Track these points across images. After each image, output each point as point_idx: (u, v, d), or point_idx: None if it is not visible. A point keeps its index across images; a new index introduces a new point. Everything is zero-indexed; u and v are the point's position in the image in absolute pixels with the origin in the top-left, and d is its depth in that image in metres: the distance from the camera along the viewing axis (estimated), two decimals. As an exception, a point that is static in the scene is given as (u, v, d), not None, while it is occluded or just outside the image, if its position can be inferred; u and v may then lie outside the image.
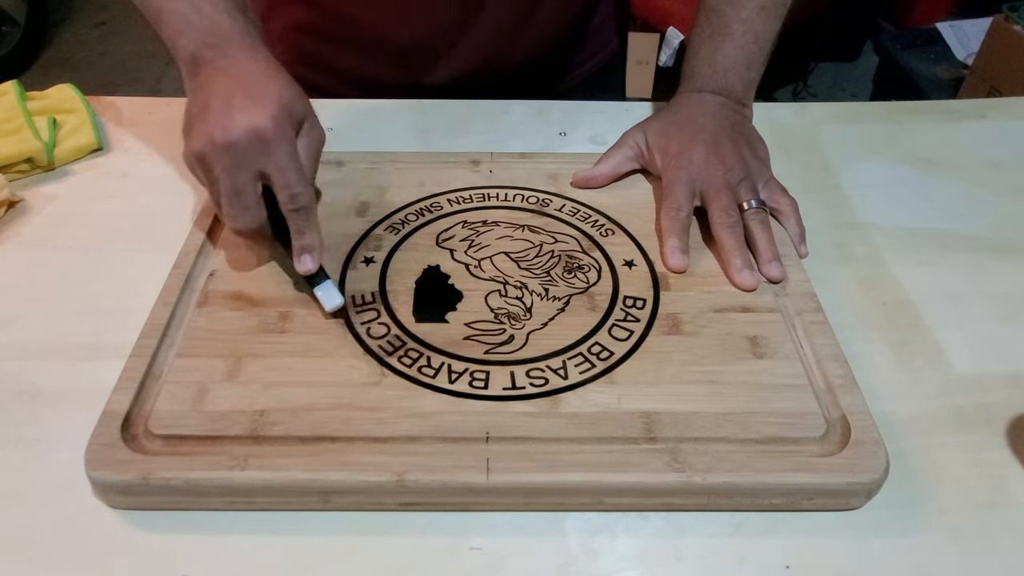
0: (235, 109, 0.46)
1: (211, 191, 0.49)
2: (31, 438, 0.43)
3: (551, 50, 0.76)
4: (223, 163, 0.46)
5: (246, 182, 0.47)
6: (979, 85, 1.73)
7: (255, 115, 0.46)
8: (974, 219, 0.60)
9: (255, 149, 0.46)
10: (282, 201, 0.48)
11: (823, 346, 0.46)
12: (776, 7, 0.62)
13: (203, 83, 0.49)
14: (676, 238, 0.52)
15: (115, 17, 2.74)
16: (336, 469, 0.39)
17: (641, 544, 0.39)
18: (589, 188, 0.60)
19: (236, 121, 0.46)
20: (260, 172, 0.47)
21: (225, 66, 0.49)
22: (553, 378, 0.44)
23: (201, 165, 0.47)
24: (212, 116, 0.46)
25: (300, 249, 0.48)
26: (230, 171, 0.46)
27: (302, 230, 0.48)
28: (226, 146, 0.46)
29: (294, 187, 0.47)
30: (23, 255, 0.56)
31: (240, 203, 0.47)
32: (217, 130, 0.46)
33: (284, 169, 0.47)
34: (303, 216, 0.48)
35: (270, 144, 0.46)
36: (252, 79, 0.48)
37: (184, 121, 0.49)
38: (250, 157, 0.46)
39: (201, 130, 0.46)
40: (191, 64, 0.50)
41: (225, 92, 0.47)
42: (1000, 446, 0.44)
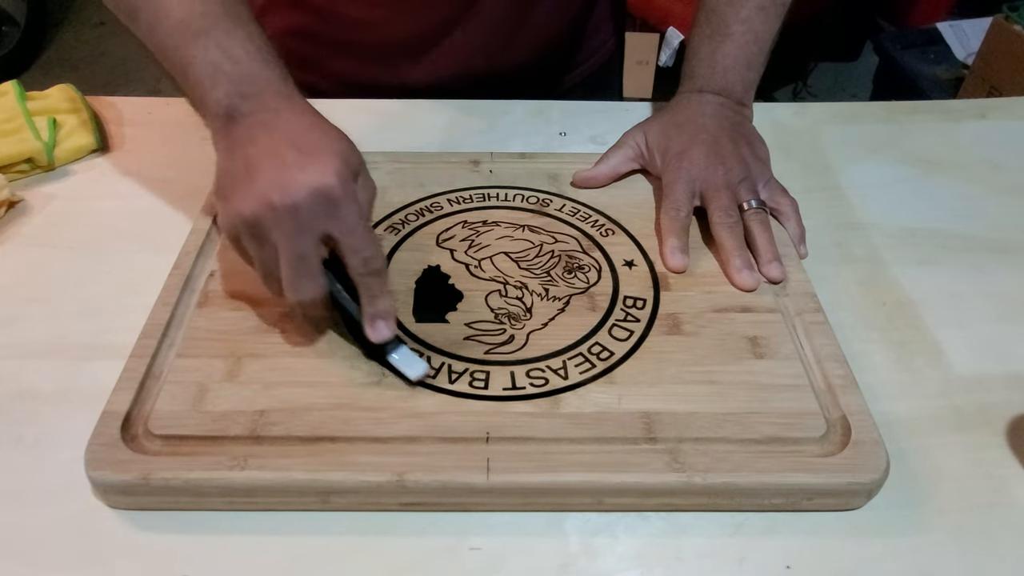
0: (292, 167, 0.41)
1: (261, 262, 0.43)
2: (31, 438, 0.43)
3: (547, 51, 0.76)
4: (285, 228, 0.41)
5: (311, 248, 0.42)
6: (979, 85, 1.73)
7: (318, 173, 0.40)
8: (974, 219, 0.60)
9: (321, 211, 0.41)
10: (354, 266, 0.43)
11: (823, 346, 0.46)
12: (776, 7, 0.62)
13: (242, 139, 0.43)
14: (676, 238, 0.52)
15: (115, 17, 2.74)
16: (336, 469, 0.39)
17: (641, 544, 0.39)
18: (589, 188, 0.60)
19: (297, 180, 0.40)
20: (325, 235, 0.42)
21: (267, 120, 0.44)
22: (553, 378, 0.44)
23: (252, 232, 0.42)
24: (264, 176, 0.41)
25: (374, 316, 0.44)
26: (293, 237, 0.41)
27: (375, 295, 0.43)
28: (289, 209, 0.40)
29: (366, 250, 0.42)
30: (23, 255, 0.56)
31: (305, 271, 0.42)
32: (275, 191, 0.40)
33: (354, 231, 0.42)
34: (376, 281, 0.43)
35: (337, 205, 0.41)
36: (303, 133, 0.43)
37: (219, 183, 0.44)
38: (315, 220, 0.41)
39: (252, 192, 0.41)
40: (225, 119, 0.44)
41: (274, 148, 0.42)
42: (1000, 446, 0.44)
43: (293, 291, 0.43)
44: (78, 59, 2.55)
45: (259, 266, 0.44)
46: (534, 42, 0.74)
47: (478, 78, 0.73)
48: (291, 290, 0.43)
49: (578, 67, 0.81)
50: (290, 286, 0.42)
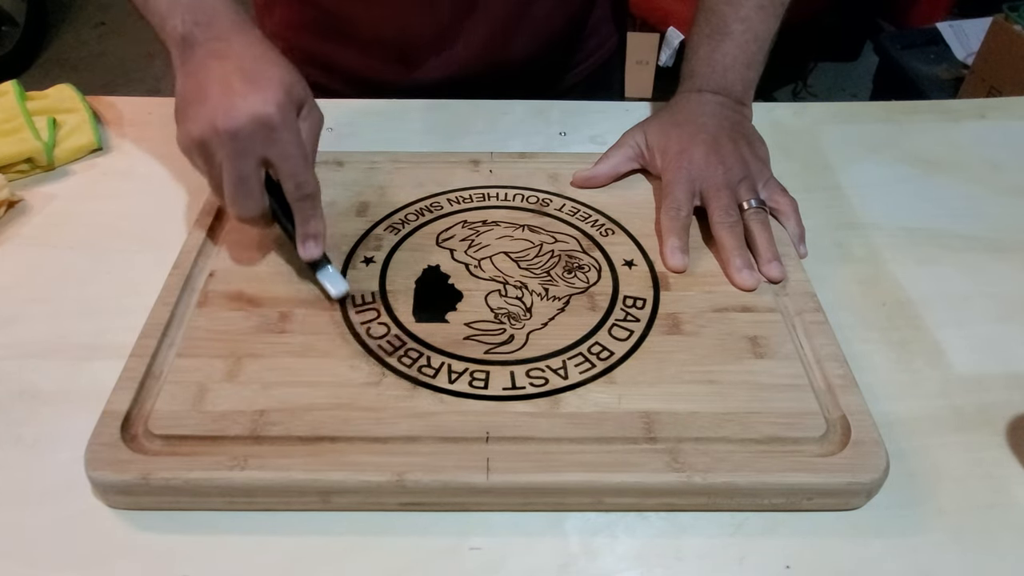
0: (236, 94, 0.45)
1: (210, 177, 0.48)
2: (31, 438, 0.43)
3: (548, 48, 0.76)
4: (226, 150, 0.45)
5: (250, 170, 0.46)
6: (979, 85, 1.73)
7: (258, 101, 0.44)
8: (974, 219, 0.60)
9: (259, 137, 0.45)
10: (288, 190, 0.47)
11: (823, 346, 0.46)
12: (774, 6, 0.62)
13: (197, 65, 0.48)
14: (676, 238, 0.52)
15: (115, 17, 2.74)
16: (336, 469, 0.39)
17: (641, 544, 0.39)
18: (589, 188, 0.60)
19: (239, 107, 0.44)
20: (264, 159, 0.46)
21: (219, 48, 0.48)
22: (553, 378, 0.44)
23: (200, 151, 0.46)
24: (212, 101, 0.45)
25: (305, 236, 0.48)
26: (233, 159, 0.45)
27: (307, 218, 0.48)
28: (230, 133, 0.44)
29: (300, 175, 0.47)
30: (23, 255, 0.56)
31: (244, 191, 0.46)
32: (219, 116, 0.44)
33: (289, 157, 0.46)
34: (309, 203, 0.48)
35: (275, 131, 0.45)
36: (250, 62, 0.47)
37: (177, 105, 0.48)
38: (254, 145, 0.45)
39: (200, 114, 0.45)
40: (182, 46, 0.49)
41: (223, 75, 0.46)
42: (1000, 446, 0.44)
43: (234, 208, 0.47)
44: (78, 59, 2.55)
45: (209, 181, 0.48)
46: (534, 39, 0.74)
47: (479, 75, 0.73)
48: (233, 207, 0.47)
49: (579, 65, 0.81)
50: (232, 203, 0.47)
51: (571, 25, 0.77)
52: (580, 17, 0.77)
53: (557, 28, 0.75)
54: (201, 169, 0.48)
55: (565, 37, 0.77)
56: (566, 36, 0.77)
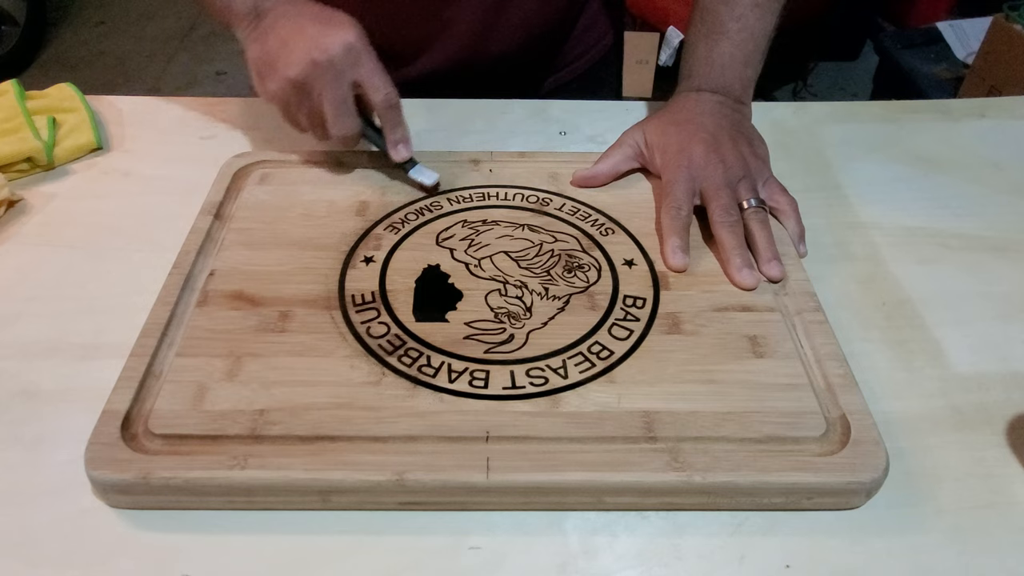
0: (321, 34, 0.52)
1: (306, 115, 0.55)
2: (31, 437, 0.43)
3: (536, 42, 0.76)
4: (326, 78, 0.53)
5: (347, 91, 0.54)
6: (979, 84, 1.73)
7: (342, 34, 0.53)
8: (974, 218, 0.60)
9: (350, 61, 0.53)
10: (377, 102, 0.55)
11: (823, 345, 0.46)
12: (771, 3, 0.62)
13: (269, 27, 0.55)
14: (677, 237, 0.52)
15: (114, 17, 2.74)
16: (336, 468, 0.39)
17: (641, 543, 0.39)
18: (589, 187, 0.60)
19: (329, 40, 0.52)
20: (354, 81, 0.54)
21: (287, 10, 0.55)
22: (553, 377, 0.44)
23: (298, 89, 0.53)
24: (300, 45, 0.52)
25: (395, 141, 0.57)
26: (333, 84, 0.53)
27: (396, 124, 0.57)
28: (328, 62, 0.52)
29: (387, 87, 0.55)
30: (23, 254, 0.56)
31: (345, 110, 0.54)
32: (314, 51, 0.52)
33: (376, 73, 0.55)
34: (396, 112, 0.57)
35: (361, 55, 0.53)
36: (318, 13, 0.55)
37: (256, 65, 0.55)
38: (347, 69, 0.53)
39: (293, 58, 0.52)
40: (252, 15, 0.56)
41: (299, 26, 0.54)
42: (999, 445, 0.44)
43: (337, 127, 0.55)
44: (77, 58, 2.55)
45: (306, 118, 0.56)
46: (520, 34, 0.73)
47: (467, 70, 0.73)
48: (335, 127, 0.55)
49: (574, 62, 0.80)
50: (335, 124, 0.55)
51: (559, 20, 0.76)
52: (569, 12, 0.77)
53: (542, 23, 0.75)
54: (299, 109, 0.55)
55: (553, 32, 0.77)
56: (554, 31, 0.77)
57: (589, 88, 0.82)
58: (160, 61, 2.51)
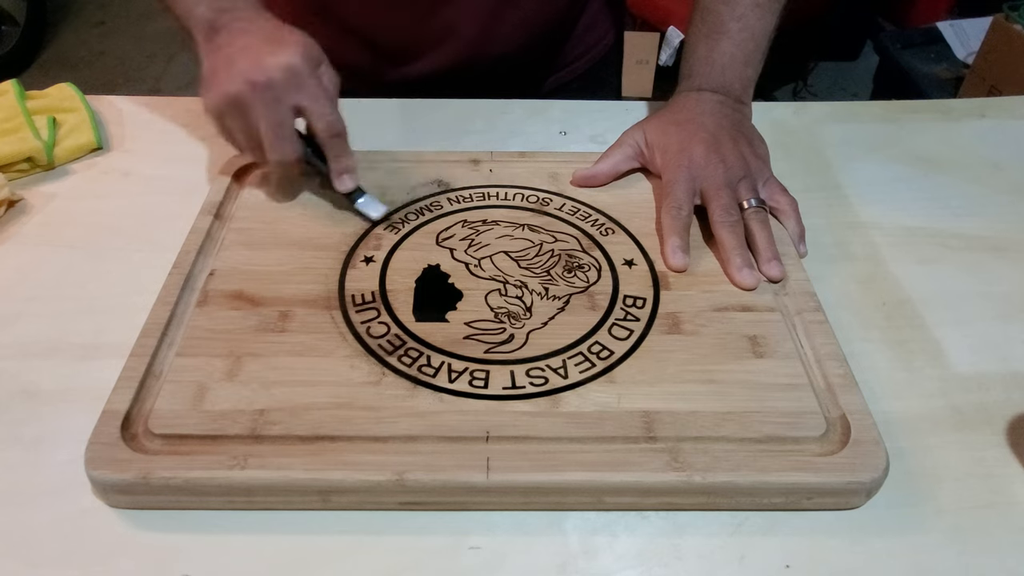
0: (265, 54, 0.51)
1: (243, 135, 0.53)
2: (31, 437, 0.43)
3: (539, 42, 0.76)
4: (263, 100, 0.50)
5: (285, 115, 0.52)
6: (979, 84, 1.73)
7: (285, 56, 0.51)
8: (974, 218, 0.60)
9: (290, 84, 0.51)
10: (320, 129, 0.53)
11: (823, 345, 0.46)
12: (771, 3, 0.62)
13: (223, 43, 0.53)
14: (677, 237, 0.52)
15: (115, 16, 2.74)
16: (336, 468, 0.39)
17: (641, 543, 0.39)
18: (589, 187, 0.60)
19: (269, 62, 0.50)
20: (295, 106, 0.52)
21: (242, 27, 0.54)
22: (553, 377, 0.44)
23: (235, 108, 0.51)
24: (242, 63, 0.51)
25: (340, 171, 0.55)
26: (270, 106, 0.51)
27: (339, 154, 0.54)
28: (265, 84, 0.50)
29: (328, 115, 0.53)
30: (23, 254, 0.56)
31: (283, 135, 0.52)
32: (252, 71, 0.50)
33: (318, 99, 0.52)
34: (339, 141, 0.54)
35: (302, 79, 0.51)
36: (270, 32, 0.53)
37: (205, 78, 0.53)
38: (286, 92, 0.51)
39: (233, 75, 0.51)
40: (208, 29, 0.54)
41: (249, 44, 0.52)
42: (999, 445, 0.44)
43: (274, 152, 0.52)
44: (78, 58, 2.55)
45: (243, 137, 0.53)
46: (522, 33, 0.73)
47: (471, 69, 0.73)
48: (272, 152, 0.52)
49: (575, 61, 0.80)
50: (271, 148, 0.52)
51: (560, 19, 0.76)
52: (570, 12, 0.77)
53: (545, 22, 0.75)
54: (232, 128, 0.53)
55: (555, 32, 0.77)
56: (556, 31, 0.77)
57: (590, 88, 0.82)
58: (160, 61, 2.51)
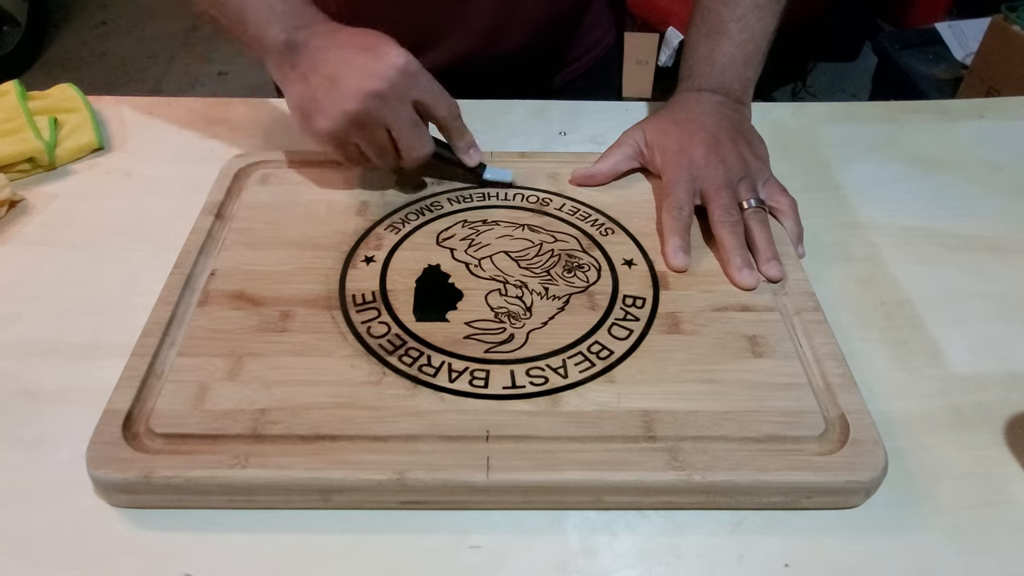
0: (370, 63, 0.50)
1: (370, 147, 0.53)
2: (32, 437, 0.44)
3: (542, 40, 0.76)
4: (392, 105, 0.51)
5: (413, 113, 0.52)
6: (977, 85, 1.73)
7: (393, 56, 0.50)
8: (972, 218, 0.60)
9: (409, 82, 0.51)
10: (443, 116, 0.55)
11: (822, 345, 0.46)
12: (771, 4, 0.62)
13: (311, 63, 0.52)
14: (678, 237, 0.53)
15: (116, 17, 2.74)
16: (337, 468, 0.39)
17: (641, 542, 0.39)
18: (588, 186, 0.60)
19: (380, 67, 0.50)
20: (414, 101, 0.52)
21: (324, 43, 0.53)
22: (553, 377, 0.44)
23: (360, 122, 0.51)
24: (351, 78, 0.50)
25: (467, 146, 0.57)
26: (400, 110, 0.52)
27: (463, 132, 0.57)
28: (388, 89, 0.50)
29: (448, 101, 0.54)
30: (24, 254, 0.56)
31: (417, 132, 0.53)
32: (367, 82, 0.50)
33: (435, 90, 0.53)
34: (460, 122, 0.56)
35: (416, 75, 0.52)
36: (359, 40, 0.52)
37: (302, 104, 0.52)
38: (408, 91, 0.51)
39: (345, 93, 0.50)
40: (286, 49, 0.53)
41: (344, 59, 0.51)
42: (998, 445, 0.44)
43: (413, 151, 0.54)
44: (79, 59, 2.55)
45: (373, 150, 0.54)
46: (527, 30, 0.73)
47: (473, 67, 0.73)
48: (412, 151, 0.54)
49: (577, 61, 0.81)
50: (411, 148, 0.53)
51: (565, 18, 0.77)
52: (575, 10, 0.77)
53: (551, 20, 0.75)
54: (361, 143, 0.53)
55: (559, 30, 0.77)
56: (560, 29, 0.77)
57: (592, 87, 0.82)
58: (161, 61, 2.51)
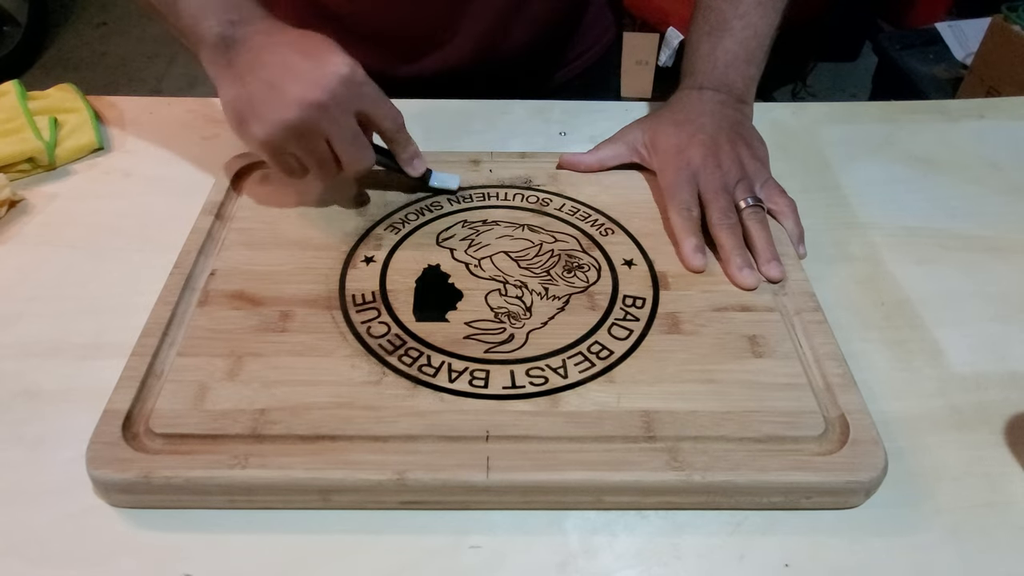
0: (313, 69, 0.48)
1: (309, 157, 0.51)
2: (32, 437, 0.44)
3: (544, 41, 0.76)
4: (332, 116, 0.48)
5: (355, 124, 0.50)
6: (977, 85, 1.73)
7: (337, 65, 0.48)
8: (972, 219, 0.60)
9: (352, 93, 0.49)
10: (386, 128, 0.53)
11: (822, 345, 0.46)
12: (773, 2, 0.62)
13: (248, 64, 0.49)
14: (694, 237, 0.53)
15: (116, 17, 2.74)
16: (337, 468, 0.39)
17: (640, 542, 0.39)
18: (572, 171, 0.60)
19: (324, 76, 0.47)
20: (357, 112, 0.50)
21: (263, 42, 0.50)
22: (553, 377, 0.44)
23: (299, 132, 0.49)
24: (292, 85, 0.47)
25: (410, 157, 0.56)
26: (341, 121, 0.49)
27: (406, 143, 0.55)
28: (330, 99, 0.48)
29: (391, 112, 0.52)
30: (24, 254, 0.56)
31: (359, 143, 0.51)
32: (309, 90, 0.47)
33: (378, 101, 0.51)
34: (404, 133, 0.55)
35: (360, 85, 0.49)
36: (300, 42, 0.49)
37: (237, 109, 0.49)
38: (350, 101, 0.49)
39: (286, 101, 0.47)
40: (220, 46, 0.50)
41: (286, 63, 0.48)
42: (998, 445, 0.44)
43: (355, 164, 0.51)
44: (79, 59, 2.55)
45: (309, 159, 0.51)
46: (532, 30, 0.73)
47: (476, 68, 0.73)
48: (353, 164, 0.51)
49: (576, 60, 0.81)
50: (352, 161, 0.51)
51: (569, 16, 0.77)
52: (577, 9, 0.77)
53: (554, 17, 0.75)
54: (299, 153, 0.50)
55: (563, 28, 0.77)
56: (564, 27, 0.77)
57: (593, 85, 0.82)
58: (161, 62, 2.51)
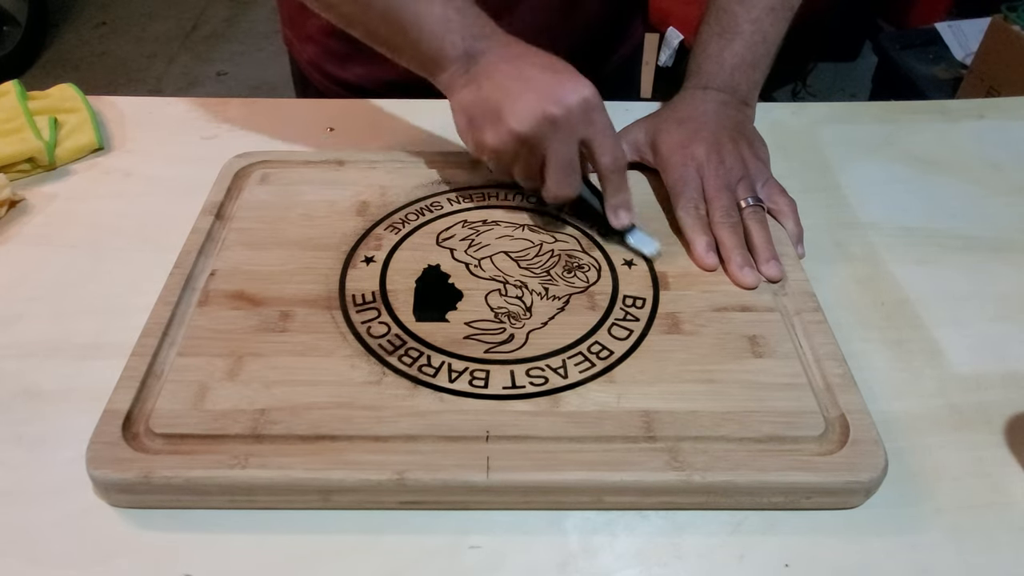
0: (555, 84, 0.48)
1: (526, 168, 0.51)
2: (32, 437, 0.44)
3: (589, 44, 0.75)
4: (558, 135, 0.48)
5: (576, 152, 0.49)
6: (977, 85, 1.73)
7: (579, 86, 0.48)
8: (972, 219, 0.60)
9: (585, 118, 0.48)
10: (605, 164, 0.50)
11: (822, 345, 0.46)
12: (785, 9, 0.62)
13: (487, 72, 0.50)
14: (705, 236, 0.53)
15: (116, 17, 2.74)
16: (337, 468, 0.39)
17: (640, 543, 0.39)
18: None
19: (566, 93, 0.47)
20: (583, 139, 0.49)
21: (504, 54, 0.51)
22: (553, 377, 0.44)
23: (528, 143, 0.49)
24: (528, 95, 0.47)
25: (616, 206, 0.52)
26: (564, 143, 0.48)
27: (618, 189, 0.52)
28: (564, 117, 0.47)
29: (616, 150, 0.50)
30: (24, 254, 0.56)
31: (571, 171, 0.50)
32: (550, 105, 0.47)
33: (608, 133, 0.50)
34: (620, 176, 0.52)
35: (595, 112, 0.49)
36: (542, 59, 0.50)
37: (469, 114, 0.51)
38: (580, 126, 0.48)
39: (522, 110, 0.47)
40: (464, 60, 0.51)
41: (523, 74, 0.49)
42: (998, 445, 0.44)
43: (560, 188, 0.51)
44: (79, 59, 2.55)
45: (523, 173, 0.52)
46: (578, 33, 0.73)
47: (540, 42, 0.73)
48: (558, 188, 0.51)
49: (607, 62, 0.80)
50: (558, 184, 0.50)
51: (613, 18, 0.76)
52: (621, 13, 0.77)
53: (601, 22, 0.74)
54: (518, 163, 0.51)
55: (605, 30, 0.76)
56: (606, 29, 0.76)
57: (622, 86, 0.81)
58: (161, 62, 2.51)
